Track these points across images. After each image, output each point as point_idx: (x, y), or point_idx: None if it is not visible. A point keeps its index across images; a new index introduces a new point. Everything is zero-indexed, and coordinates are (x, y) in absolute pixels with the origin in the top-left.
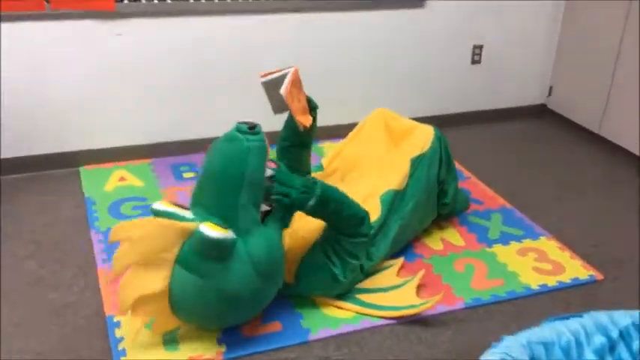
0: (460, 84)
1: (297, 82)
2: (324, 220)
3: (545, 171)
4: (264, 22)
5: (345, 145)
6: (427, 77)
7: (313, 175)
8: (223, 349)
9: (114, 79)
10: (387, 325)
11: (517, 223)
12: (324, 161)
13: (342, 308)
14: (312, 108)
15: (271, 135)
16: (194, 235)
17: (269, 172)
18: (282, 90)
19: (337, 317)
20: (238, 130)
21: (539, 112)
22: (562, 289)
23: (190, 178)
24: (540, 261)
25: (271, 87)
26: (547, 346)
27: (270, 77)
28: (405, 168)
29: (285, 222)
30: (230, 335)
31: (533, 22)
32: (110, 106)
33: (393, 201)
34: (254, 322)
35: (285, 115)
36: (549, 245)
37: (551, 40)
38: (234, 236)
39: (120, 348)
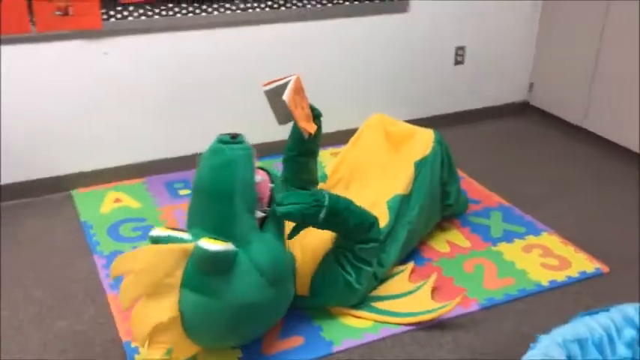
0: (445, 85)
1: (299, 90)
2: (334, 230)
3: (535, 167)
4: (252, 33)
5: (346, 154)
6: (413, 80)
7: (319, 185)
8: None
9: (102, 99)
10: (407, 331)
11: (517, 221)
12: (327, 171)
13: (360, 317)
14: (315, 116)
15: (269, 145)
16: (194, 253)
17: (258, 179)
18: (285, 96)
19: (357, 327)
20: (220, 141)
21: (522, 109)
22: (571, 283)
23: (187, 195)
24: (546, 257)
25: (274, 95)
26: (581, 343)
27: (272, 85)
28: (409, 172)
29: (283, 224)
30: (251, 354)
31: (512, 21)
32: (99, 126)
33: (400, 206)
34: (273, 338)
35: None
36: (552, 240)
37: (530, 36)
38: (234, 248)
39: None
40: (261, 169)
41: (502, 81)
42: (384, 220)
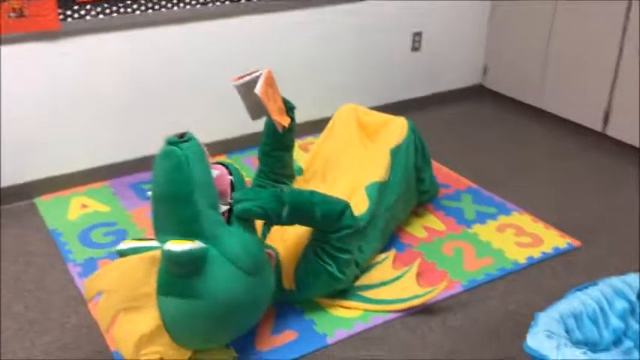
0: (402, 72)
1: (271, 83)
2: (302, 224)
3: (495, 148)
4: (212, 28)
5: (320, 146)
6: (371, 68)
7: (296, 178)
8: None
9: (61, 101)
10: (396, 318)
11: (487, 202)
12: (302, 164)
13: (350, 308)
14: (288, 108)
15: (240, 140)
16: (163, 257)
17: (215, 173)
18: (258, 90)
19: (348, 317)
20: (169, 143)
21: (477, 92)
22: (546, 259)
23: None
24: (519, 235)
25: (245, 90)
26: (576, 317)
27: (243, 80)
28: (385, 160)
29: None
30: (246, 353)
31: (465, 5)
32: (59, 129)
33: (379, 193)
34: (266, 335)
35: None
36: (523, 219)
37: (482, 19)
38: (203, 245)
39: None
40: (220, 163)
41: (457, 65)
42: (363, 207)
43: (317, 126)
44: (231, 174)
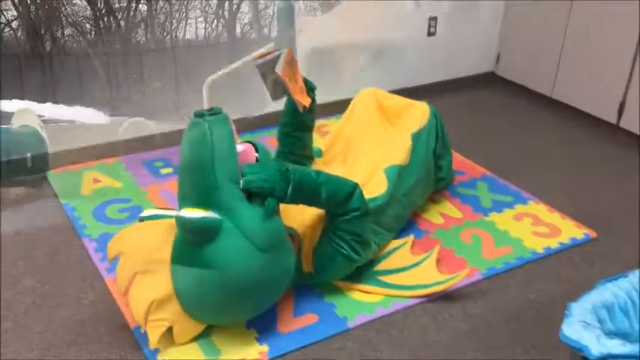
0: (417, 57)
1: (292, 62)
2: (307, 204)
3: (508, 137)
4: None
5: (341, 129)
6: (387, 53)
7: (316, 160)
8: (265, 348)
9: None
10: (417, 304)
11: (503, 190)
12: (321, 146)
13: (370, 292)
14: (309, 89)
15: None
16: (177, 224)
17: (240, 148)
18: (278, 69)
19: (369, 302)
20: (197, 115)
21: (489, 80)
22: (564, 250)
23: (169, 174)
24: (536, 225)
25: (266, 69)
26: (608, 308)
27: (263, 59)
28: (407, 144)
29: None
30: (267, 334)
31: None
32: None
33: (398, 176)
34: (287, 317)
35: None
36: (539, 209)
37: (498, 7)
38: (216, 215)
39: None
40: (247, 141)
41: (471, 52)
42: (382, 188)
43: (331, 109)
44: (257, 151)
